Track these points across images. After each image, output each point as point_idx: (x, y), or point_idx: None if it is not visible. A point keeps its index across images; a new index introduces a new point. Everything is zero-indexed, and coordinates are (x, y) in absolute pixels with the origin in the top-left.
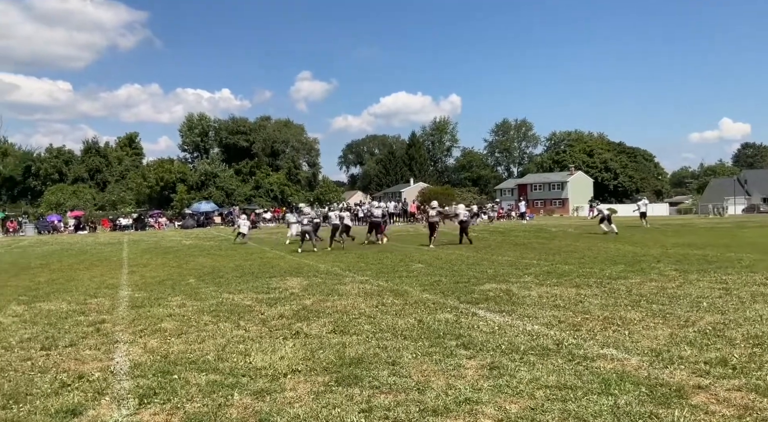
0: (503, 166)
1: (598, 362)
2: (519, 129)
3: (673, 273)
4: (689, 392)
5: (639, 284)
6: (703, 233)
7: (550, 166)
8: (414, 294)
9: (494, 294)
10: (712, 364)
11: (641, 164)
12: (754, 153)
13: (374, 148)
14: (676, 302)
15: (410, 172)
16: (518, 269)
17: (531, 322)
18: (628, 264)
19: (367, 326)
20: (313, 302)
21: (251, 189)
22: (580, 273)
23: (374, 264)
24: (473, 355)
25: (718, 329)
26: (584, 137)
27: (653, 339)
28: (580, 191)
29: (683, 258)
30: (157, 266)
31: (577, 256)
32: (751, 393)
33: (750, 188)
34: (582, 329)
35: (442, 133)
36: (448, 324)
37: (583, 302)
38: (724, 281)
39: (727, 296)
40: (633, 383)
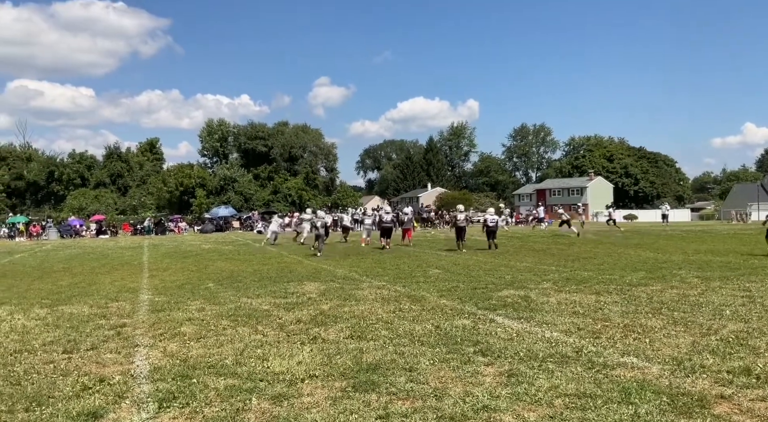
0: (521, 171)
1: (619, 370)
2: (537, 134)
3: (695, 280)
4: (712, 402)
5: (660, 291)
6: (725, 240)
7: (569, 171)
8: (431, 300)
9: (512, 301)
10: (735, 373)
11: (662, 169)
12: None
13: (392, 153)
14: (698, 309)
15: (428, 177)
16: (537, 276)
17: (550, 329)
18: (648, 271)
19: (384, 331)
20: (331, 307)
21: (269, 194)
22: (599, 280)
23: (391, 270)
24: (491, 362)
25: (741, 337)
26: (604, 142)
27: (674, 347)
28: (600, 197)
29: (705, 265)
30: (177, 271)
31: (596, 262)
32: None
33: None
34: (602, 336)
35: (460, 138)
36: (465, 330)
37: (603, 310)
38: (748, 288)
39: (751, 304)
40: (654, 392)
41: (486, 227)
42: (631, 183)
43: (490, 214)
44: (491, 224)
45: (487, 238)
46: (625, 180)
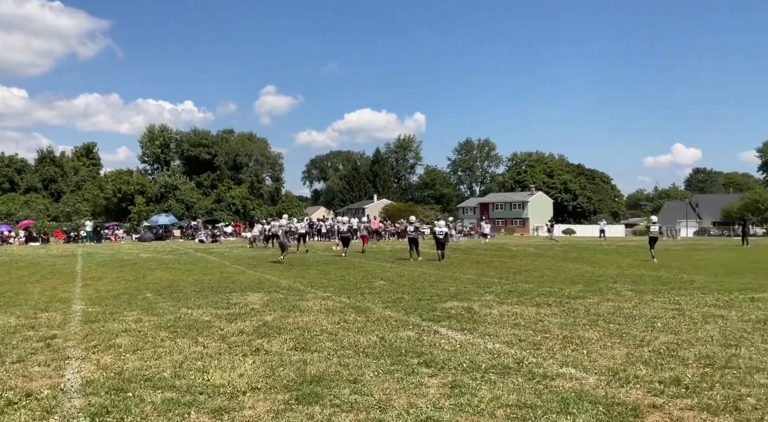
0: (466, 184)
1: (558, 381)
2: (482, 149)
3: (630, 293)
4: (644, 411)
5: (597, 304)
6: (657, 255)
7: (511, 186)
8: (376, 311)
9: (456, 312)
10: (666, 383)
11: (599, 185)
12: (704, 178)
13: (338, 164)
14: (632, 322)
15: (374, 188)
16: (480, 288)
17: (492, 340)
18: (586, 284)
19: (328, 343)
20: (274, 318)
21: (212, 202)
22: (540, 292)
23: (337, 281)
24: (435, 373)
25: (671, 349)
26: (545, 158)
27: (610, 358)
28: (541, 211)
29: (639, 279)
30: (113, 280)
31: (537, 275)
32: (702, 412)
33: (701, 212)
34: (542, 348)
35: (406, 150)
36: (410, 342)
37: (543, 321)
38: (678, 302)
39: (680, 317)
40: (591, 402)
41: (435, 238)
42: (570, 199)
43: (439, 226)
44: (440, 235)
45: (437, 249)
46: (564, 195)
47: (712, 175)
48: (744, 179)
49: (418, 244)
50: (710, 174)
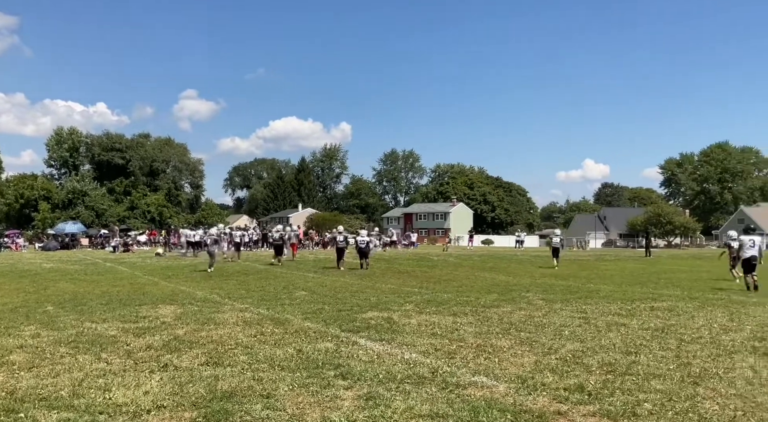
0: (390, 194)
1: (470, 389)
2: (406, 160)
3: (540, 302)
4: (549, 418)
5: (510, 312)
6: (567, 265)
7: (434, 196)
8: (295, 323)
9: (375, 322)
10: (571, 390)
11: (516, 198)
12: (612, 192)
13: (262, 171)
14: (541, 330)
15: (299, 197)
16: (400, 297)
17: (409, 350)
18: (501, 293)
19: (243, 357)
20: (186, 332)
21: (125, 210)
22: (457, 301)
23: (256, 291)
24: (351, 385)
25: (577, 356)
26: (466, 170)
27: (520, 366)
28: (462, 222)
29: (549, 288)
30: (11, 292)
31: (455, 285)
32: (603, 418)
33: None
34: (456, 357)
35: (332, 160)
36: (327, 354)
37: (459, 330)
38: (584, 310)
39: (586, 325)
40: (500, 410)
41: (357, 247)
42: (489, 210)
43: (361, 235)
44: (362, 245)
45: (359, 258)
46: (483, 207)
47: (618, 189)
48: (648, 193)
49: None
50: (617, 189)
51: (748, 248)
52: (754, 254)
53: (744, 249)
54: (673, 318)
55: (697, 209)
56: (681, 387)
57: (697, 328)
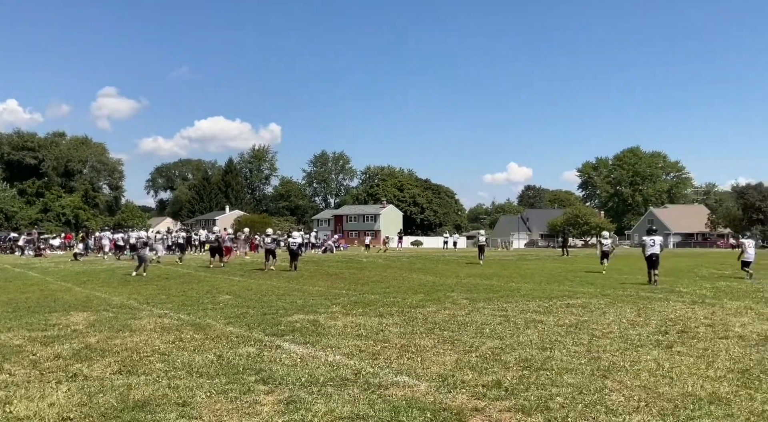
0: (321, 196)
1: (392, 389)
2: (337, 161)
3: (464, 302)
4: (467, 414)
5: (434, 312)
6: (490, 265)
7: (364, 198)
8: (217, 328)
9: (301, 325)
10: (489, 387)
11: (444, 199)
12: (534, 194)
13: (187, 173)
14: (464, 328)
15: (226, 199)
16: (327, 300)
17: (333, 352)
18: (427, 293)
19: (159, 364)
20: (99, 339)
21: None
22: (384, 302)
23: (177, 296)
24: (272, 390)
25: (496, 353)
26: (396, 172)
27: (441, 364)
28: (392, 223)
29: (473, 288)
30: None
31: (383, 286)
32: (518, 412)
33: (531, 225)
34: (380, 357)
35: (261, 161)
36: (249, 359)
37: (384, 331)
38: (505, 308)
39: (506, 323)
40: (420, 409)
41: (289, 249)
42: (418, 211)
43: (293, 237)
44: (293, 246)
45: (291, 260)
46: (412, 209)
47: (540, 192)
48: (567, 195)
49: (275, 255)
50: (539, 191)
51: (649, 246)
52: (656, 252)
53: (646, 248)
54: (586, 315)
55: (611, 210)
56: (591, 380)
57: (608, 324)
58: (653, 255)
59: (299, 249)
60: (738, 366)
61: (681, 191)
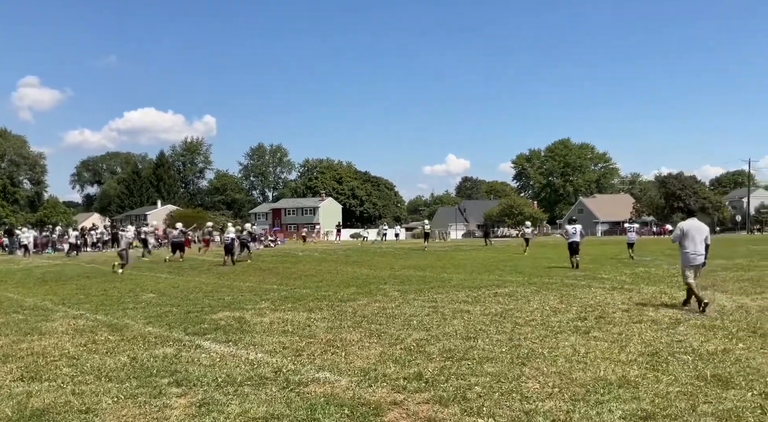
0: (258, 190)
1: (311, 386)
2: (274, 154)
3: (396, 294)
4: (385, 409)
5: (365, 305)
6: (426, 256)
7: (303, 191)
8: (135, 328)
9: (225, 323)
10: (410, 379)
11: (383, 192)
12: (471, 186)
13: (116, 166)
14: (392, 321)
15: (158, 193)
16: (257, 296)
17: (256, 350)
18: (359, 287)
19: (66, 369)
20: (4, 344)
21: None
22: (315, 297)
23: (96, 296)
24: (185, 392)
25: (420, 345)
26: (334, 165)
27: (365, 358)
28: (331, 216)
29: (406, 280)
30: None
31: (316, 280)
32: (436, 404)
33: (468, 216)
34: (303, 354)
35: (195, 154)
36: (165, 360)
37: (311, 326)
38: (434, 299)
39: (434, 314)
40: (338, 405)
41: (224, 245)
42: (357, 204)
43: (230, 232)
44: (227, 241)
45: (225, 254)
46: (352, 201)
47: (477, 183)
48: (502, 186)
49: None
50: (476, 182)
51: (571, 234)
52: (576, 240)
53: (568, 235)
54: (512, 303)
55: (544, 200)
56: (509, 368)
57: (531, 311)
58: (574, 243)
59: (232, 244)
60: (648, 350)
61: (608, 181)
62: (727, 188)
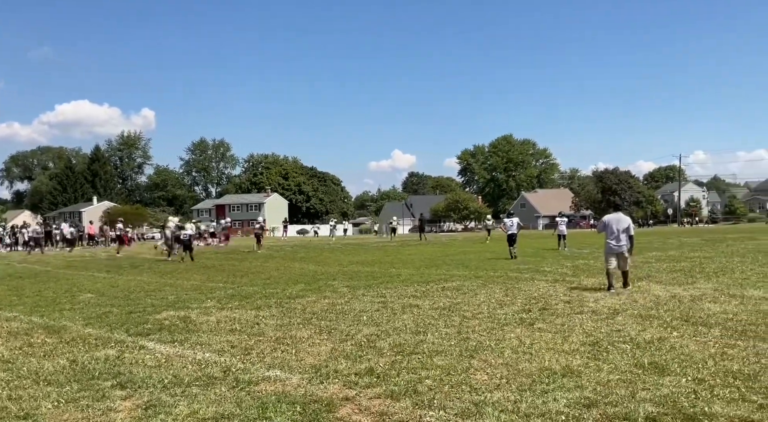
0: (201, 186)
1: (262, 385)
2: (217, 149)
3: (344, 290)
4: (337, 404)
5: (314, 302)
6: (375, 252)
7: (248, 187)
8: (74, 330)
9: (170, 323)
10: (361, 375)
11: (330, 187)
12: (418, 181)
13: (48, 161)
14: (342, 317)
15: (93, 189)
16: (202, 294)
17: (203, 350)
18: (307, 283)
19: (1, 374)
20: None
21: None
22: (263, 294)
23: (30, 297)
24: (130, 394)
25: (371, 340)
26: (280, 160)
27: (316, 355)
28: (277, 212)
29: (355, 275)
30: None
31: (264, 277)
32: (387, 398)
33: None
34: (253, 352)
35: (133, 148)
36: (107, 362)
37: (260, 324)
38: (384, 295)
39: (384, 309)
40: (289, 403)
41: (181, 240)
42: (304, 200)
43: (186, 230)
44: (184, 237)
45: (183, 250)
46: (298, 197)
47: (423, 178)
48: (448, 182)
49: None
50: (422, 178)
51: (508, 227)
52: (514, 232)
53: (507, 228)
54: (459, 297)
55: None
56: (458, 361)
57: (478, 304)
58: (512, 235)
59: (189, 241)
60: (590, 339)
61: (549, 176)
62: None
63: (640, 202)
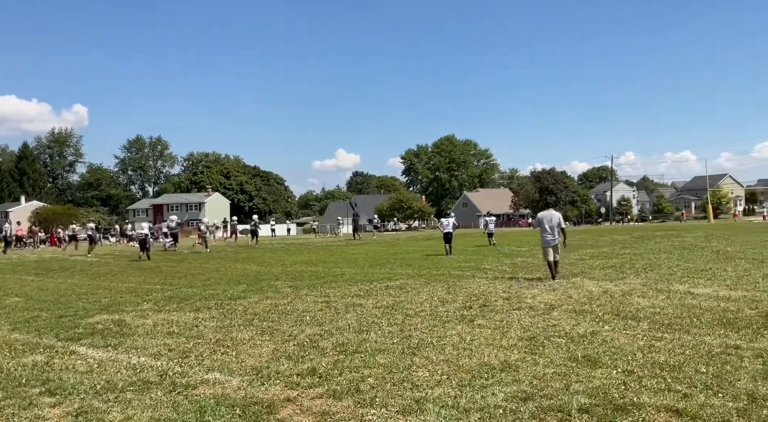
0: (137, 185)
1: (200, 388)
2: (154, 147)
3: (288, 290)
4: (279, 406)
5: (256, 303)
6: (318, 251)
7: (188, 186)
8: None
9: (103, 327)
10: (303, 375)
11: (274, 187)
12: (362, 180)
13: None
14: (284, 317)
15: (21, 189)
16: (138, 296)
17: (138, 354)
18: (249, 284)
19: None
20: None
21: None
22: (202, 296)
23: None
24: (59, 402)
25: (314, 340)
26: (221, 159)
27: (257, 356)
28: (218, 212)
29: (298, 275)
30: None
31: (203, 278)
32: (330, 398)
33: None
34: (191, 355)
35: (64, 146)
36: (35, 368)
37: (199, 327)
38: (327, 294)
39: (327, 309)
40: (228, 405)
41: (139, 241)
42: (246, 199)
43: (143, 228)
44: (141, 237)
45: (140, 249)
46: (240, 196)
47: (368, 178)
48: (392, 181)
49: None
50: (366, 177)
51: (445, 226)
52: (449, 231)
53: (443, 227)
54: (402, 295)
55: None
56: (401, 358)
57: (421, 302)
58: (448, 234)
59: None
60: (527, 334)
61: (490, 175)
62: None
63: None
